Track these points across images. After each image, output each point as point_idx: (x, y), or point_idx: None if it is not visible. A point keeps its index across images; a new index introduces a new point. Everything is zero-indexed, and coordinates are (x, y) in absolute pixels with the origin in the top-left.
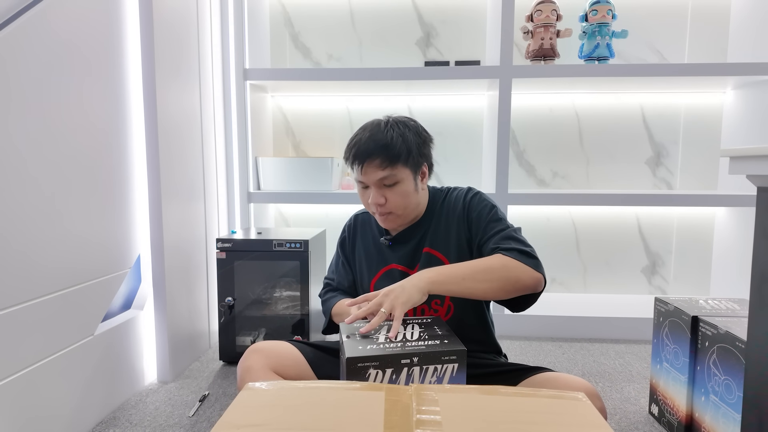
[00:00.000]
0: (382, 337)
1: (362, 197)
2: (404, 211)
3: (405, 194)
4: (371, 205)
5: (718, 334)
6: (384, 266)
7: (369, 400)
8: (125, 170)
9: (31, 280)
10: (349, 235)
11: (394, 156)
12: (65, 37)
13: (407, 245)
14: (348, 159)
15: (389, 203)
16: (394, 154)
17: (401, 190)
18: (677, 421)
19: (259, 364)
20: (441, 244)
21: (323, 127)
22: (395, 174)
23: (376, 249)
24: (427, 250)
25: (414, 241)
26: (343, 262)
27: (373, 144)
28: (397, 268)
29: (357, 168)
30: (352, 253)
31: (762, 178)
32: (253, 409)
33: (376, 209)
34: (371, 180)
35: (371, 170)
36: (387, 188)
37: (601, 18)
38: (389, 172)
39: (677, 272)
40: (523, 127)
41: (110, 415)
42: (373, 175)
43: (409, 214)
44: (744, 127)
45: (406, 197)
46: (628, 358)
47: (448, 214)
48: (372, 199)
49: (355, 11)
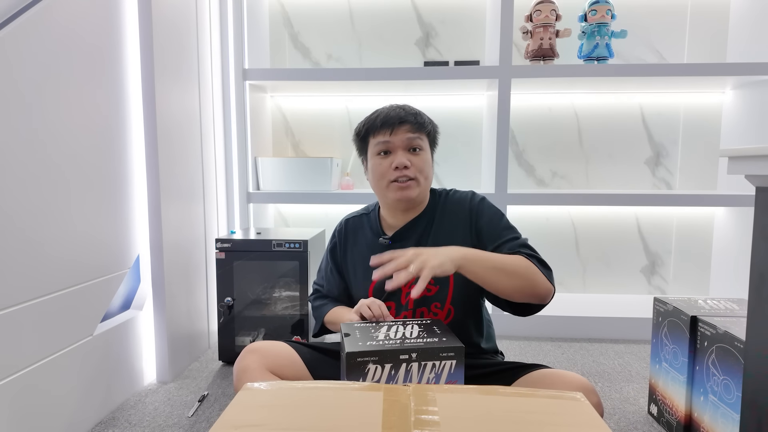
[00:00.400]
0: (381, 334)
1: (380, 167)
2: (424, 181)
3: (427, 162)
4: (393, 170)
5: (717, 334)
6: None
7: (367, 400)
8: (124, 170)
9: (30, 280)
10: (339, 242)
11: (421, 124)
12: (65, 38)
13: (407, 243)
14: (372, 127)
15: (413, 167)
16: (422, 122)
17: (424, 158)
18: (676, 421)
19: (255, 364)
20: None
21: (322, 127)
22: (421, 140)
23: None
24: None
25: (414, 238)
26: (332, 269)
27: (402, 112)
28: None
29: (384, 131)
30: (344, 259)
31: (760, 178)
32: (251, 409)
33: (399, 174)
34: (399, 140)
35: (401, 132)
36: (411, 153)
37: (601, 18)
38: (417, 136)
39: (676, 272)
40: (523, 127)
41: (109, 415)
42: (402, 136)
43: (425, 185)
44: (743, 126)
45: (427, 165)
46: (628, 358)
47: (452, 215)
48: (398, 160)
49: (355, 11)
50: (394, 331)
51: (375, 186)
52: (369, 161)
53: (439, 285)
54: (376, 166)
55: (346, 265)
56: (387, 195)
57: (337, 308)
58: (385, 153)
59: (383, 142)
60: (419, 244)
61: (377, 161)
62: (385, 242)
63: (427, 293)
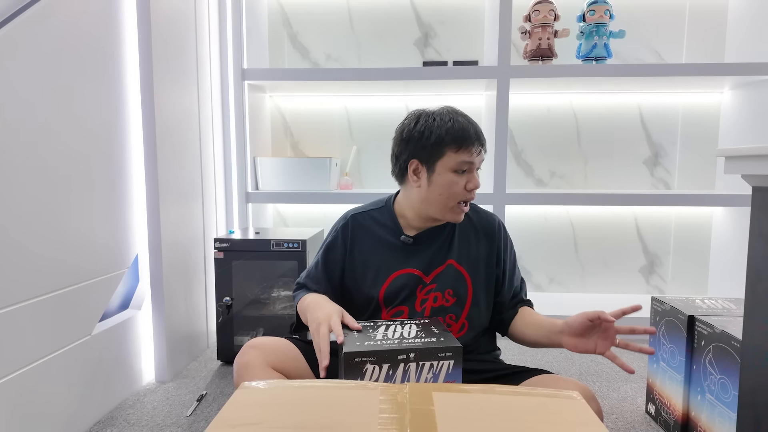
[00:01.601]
0: (379, 334)
1: (456, 185)
2: None
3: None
4: (468, 191)
5: (714, 333)
6: (397, 270)
7: (364, 398)
8: (123, 170)
9: (28, 280)
10: (345, 238)
11: (484, 144)
12: (63, 38)
13: (430, 247)
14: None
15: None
16: (485, 143)
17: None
18: (674, 420)
19: (257, 360)
20: (467, 261)
21: (321, 127)
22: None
23: (387, 252)
24: (452, 263)
25: (437, 244)
26: (322, 266)
27: (479, 128)
28: (412, 273)
29: (471, 150)
30: (351, 257)
31: (757, 177)
32: (248, 407)
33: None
34: (478, 161)
35: (477, 153)
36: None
37: (599, 18)
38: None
39: (675, 272)
40: (521, 127)
41: (108, 414)
42: (479, 157)
43: None
44: (741, 126)
45: None
46: (626, 357)
47: (478, 233)
48: (475, 181)
49: (354, 11)
50: (393, 331)
51: (436, 200)
52: (437, 174)
53: (457, 297)
54: (451, 184)
55: (353, 264)
56: (447, 214)
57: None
58: (462, 171)
59: (468, 162)
60: (440, 251)
61: (453, 178)
62: (408, 240)
63: (444, 303)
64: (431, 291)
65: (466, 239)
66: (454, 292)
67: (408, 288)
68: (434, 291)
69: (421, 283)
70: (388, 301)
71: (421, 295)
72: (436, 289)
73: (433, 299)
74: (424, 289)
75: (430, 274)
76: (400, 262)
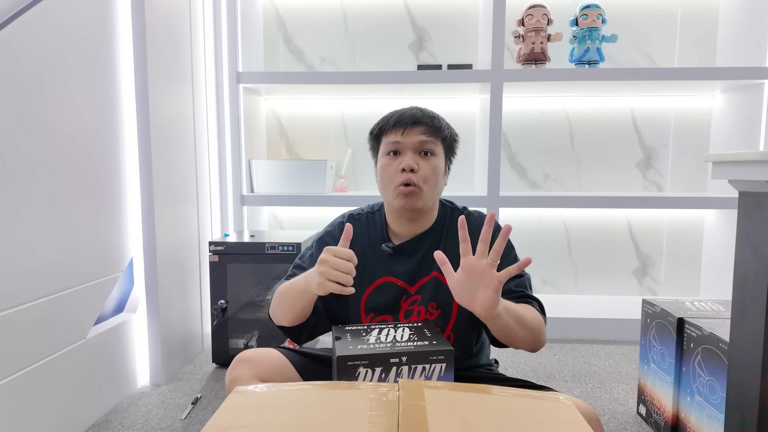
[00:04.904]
0: (372, 337)
1: (388, 168)
2: (430, 190)
3: (436, 170)
4: (400, 173)
5: (703, 335)
6: (380, 278)
7: (355, 398)
8: (118, 173)
9: (23, 284)
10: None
11: (438, 128)
12: (57, 41)
13: (411, 258)
14: (385, 125)
15: (420, 173)
16: (438, 127)
17: (434, 164)
18: (664, 422)
19: (246, 373)
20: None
21: (317, 129)
22: (434, 145)
23: (372, 257)
24: (436, 275)
25: (419, 256)
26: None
27: (420, 113)
28: (395, 282)
29: (396, 131)
30: None
31: (743, 182)
32: (241, 411)
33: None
34: (411, 142)
35: (413, 134)
36: (421, 157)
37: (591, 22)
38: (431, 139)
39: (667, 274)
40: (515, 130)
41: (102, 418)
42: (414, 137)
43: (430, 196)
44: (732, 130)
45: (435, 174)
46: (618, 359)
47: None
48: (405, 162)
49: (348, 14)
50: (385, 334)
51: (382, 189)
52: (378, 161)
53: (441, 309)
54: (384, 167)
55: None
56: (393, 201)
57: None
58: (394, 153)
59: (394, 141)
60: (424, 262)
61: (386, 161)
62: (387, 250)
63: (429, 317)
64: (415, 303)
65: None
66: (438, 305)
67: (391, 297)
68: (418, 304)
69: (405, 293)
70: (369, 309)
71: (405, 305)
72: (420, 302)
73: (417, 313)
74: (409, 299)
75: (415, 285)
76: (383, 270)
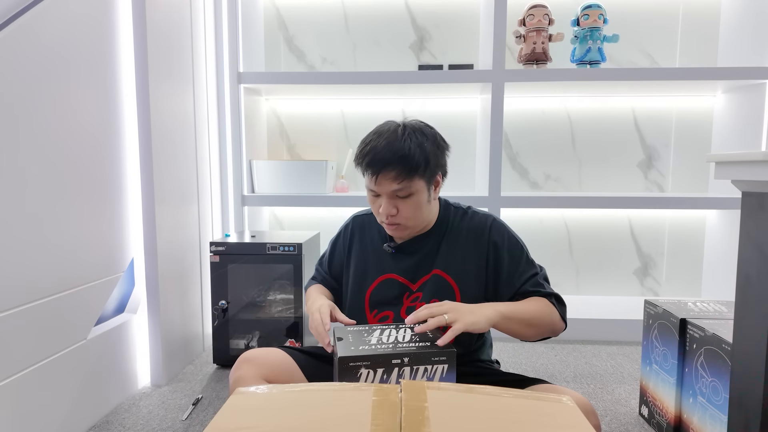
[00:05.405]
0: (374, 338)
1: (372, 204)
2: (415, 222)
3: (417, 206)
4: (381, 214)
5: (706, 336)
6: (383, 274)
7: (357, 399)
8: (118, 174)
9: (24, 284)
10: (345, 237)
11: (411, 168)
12: (58, 41)
13: (412, 257)
14: (360, 165)
15: (400, 214)
16: (412, 167)
17: (414, 202)
18: (666, 423)
19: (250, 373)
20: (454, 269)
21: (317, 130)
22: (410, 186)
23: (375, 255)
24: (437, 272)
25: (420, 255)
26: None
27: (389, 154)
28: (397, 279)
29: (370, 177)
30: (347, 255)
31: (746, 183)
32: (242, 412)
33: (386, 219)
34: (385, 191)
35: (386, 182)
36: (400, 199)
37: (593, 22)
38: (404, 185)
39: (669, 274)
40: (516, 131)
41: (103, 419)
42: (387, 186)
43: (418, 224)
44: (734, 130)
45: (418, 209)
46: (620, 360)
47: (466, 241)
48: (383, 209)
49: (349, 15)
50: (387, 335)
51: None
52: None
53: None
54: (369, 200)
55: (349, 261)
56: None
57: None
58: (375, 194)
59: (369, 189)
60: (425, 261)
61: (369, 197)
62: (389, 250)
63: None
64: (417, 300)
65: (453, 247)
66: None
67: (393, 293)
68: (420, 300)
69: (407, 290)
70: (373, 304)
71: (407, 302)
72: (422, 299)
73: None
74: (411, 296)
75: (417, 282)
76: (386, 267)
